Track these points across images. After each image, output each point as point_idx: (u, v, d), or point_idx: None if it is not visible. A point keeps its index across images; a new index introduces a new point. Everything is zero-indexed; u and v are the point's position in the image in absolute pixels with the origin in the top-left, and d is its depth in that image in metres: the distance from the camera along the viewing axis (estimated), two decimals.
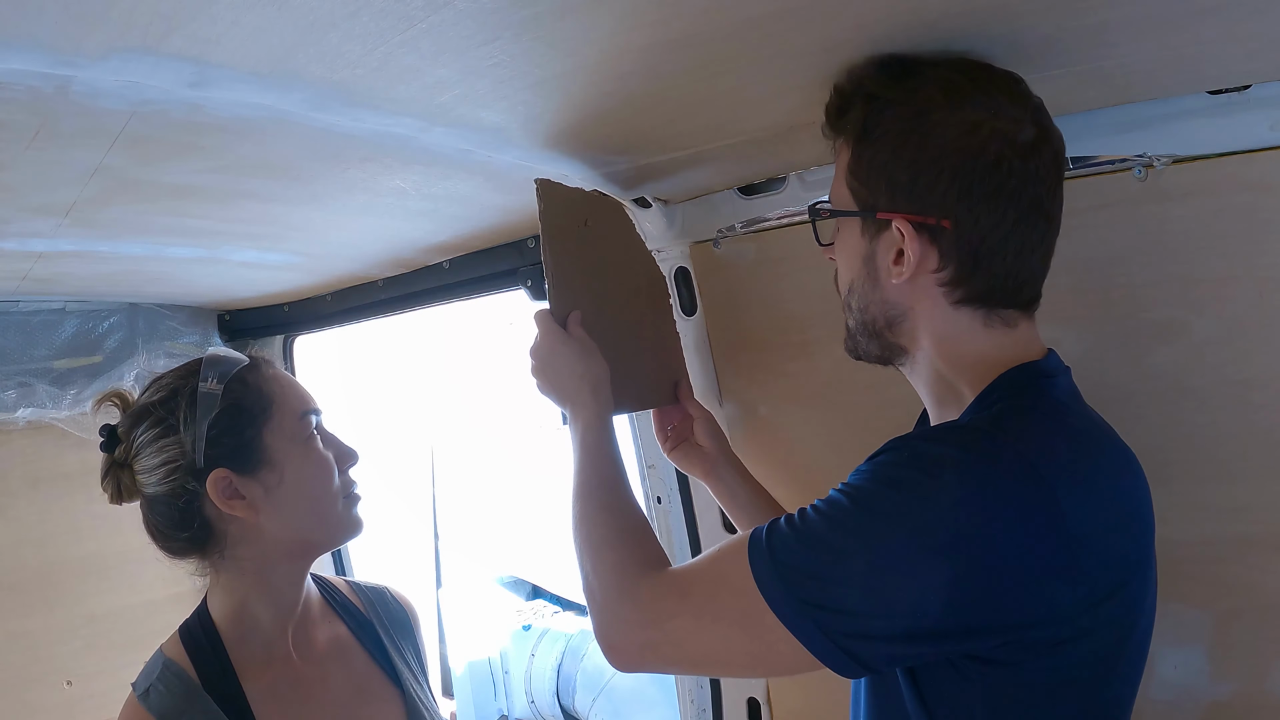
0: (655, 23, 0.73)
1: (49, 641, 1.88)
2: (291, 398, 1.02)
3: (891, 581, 0.67)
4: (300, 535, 1.01)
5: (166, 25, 0.67)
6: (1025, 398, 0.75)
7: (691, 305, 1.39)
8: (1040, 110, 0.76)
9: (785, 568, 0.71)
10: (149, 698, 0.92)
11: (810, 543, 0.71)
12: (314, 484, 1.00)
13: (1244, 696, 1.00)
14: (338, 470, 1.03)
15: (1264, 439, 0.95)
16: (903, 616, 0.67)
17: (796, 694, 1.42)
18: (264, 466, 0.97)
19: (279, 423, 0.99)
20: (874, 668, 0.71)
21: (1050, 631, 0.68)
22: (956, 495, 0.67)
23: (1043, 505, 0.67)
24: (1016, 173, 0.73)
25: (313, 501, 1.00)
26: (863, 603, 0.68)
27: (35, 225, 1.21)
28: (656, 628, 0.81)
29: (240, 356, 1.03)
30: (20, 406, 1.80)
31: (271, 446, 0.98)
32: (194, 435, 0.94)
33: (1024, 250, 0.76)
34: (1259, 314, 0.92)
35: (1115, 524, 0.71)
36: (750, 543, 0.74)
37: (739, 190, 1.28)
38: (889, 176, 0.77)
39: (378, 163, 1.08)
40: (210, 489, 0.94)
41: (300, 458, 0.99)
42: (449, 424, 5.93)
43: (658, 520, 1.51)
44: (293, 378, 1.07)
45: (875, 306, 0.83)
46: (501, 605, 5.49)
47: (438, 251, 1.63)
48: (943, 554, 0.66)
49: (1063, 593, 0.67)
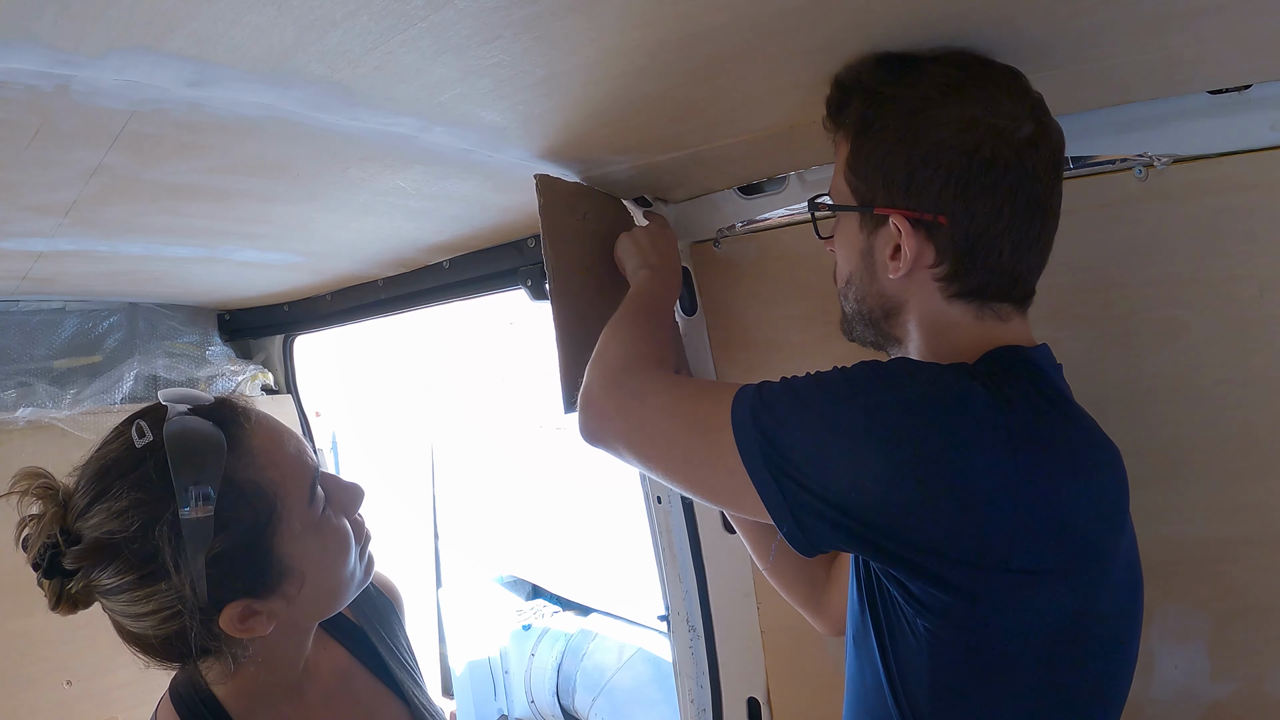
0: (655, 22, 0.73)
1: (49, 641, 1.88)
2: (292, 479, 0.82)
3: (835, 448, 0.70)
4: (321, 615, 0.90)
5: (166, 24, 0.67)
6: (1008, 365, 0.76)
7: (691, 305, 1.39)
8: (1039, 105, 0.76)
9: (759, 400, 0.74)
10: None
11: (789, 388, 0.74)
12: (338, 568, 0.86)
13: (1244, 696, 1.00)
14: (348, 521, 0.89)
15: (1264, 439, 0.95)
16: (837, 487, 0.69)
17: (797, 694, 1.42)
18: (285, 580, 0.81)
19: (289, 524, 0.80)
20: (801, 520, 0.71)
21: (981, 578, 0.68)
22: (921, 397, 0.69)
23: (998, 445, 0.67)
24: (1013, 169, 0.73)
25: (338, 584, 0.87)
26: (807, 457, 0.70)
27: (35, 225, 1.21)
28: (639, 399, 0.86)
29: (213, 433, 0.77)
30: (20, 406, 1.80)
31: (287, 555, 0.80)
32: (189, 576, 0.74)
33: (1020, 246, 0.76)
34: (1259, 314, 0.92)
35: (1073, 499, 0.71)
36: (740, 389, 0.77)
37: (739, 190, 1.28)
38: (886, 172, 0.77)
39: (378, 162, 1.08)
40: (224, 625, 0.78)
41: (318, 550, 0.83)
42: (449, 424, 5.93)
43: (658, 519, 1.51)
44: (283, 431, 0.86)
45: (872, 299, 0.84)
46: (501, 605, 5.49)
47: (438, 251, 1.63)
48: (886, 444, 0.68)
49: (996, 539, 0.67)
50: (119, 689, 1.95)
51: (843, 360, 0.91)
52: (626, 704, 4.37)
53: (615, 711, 4.39)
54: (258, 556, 0.78)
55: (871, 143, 0.78)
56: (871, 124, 0.78)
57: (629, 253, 1.15)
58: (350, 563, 0.88)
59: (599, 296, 1.16)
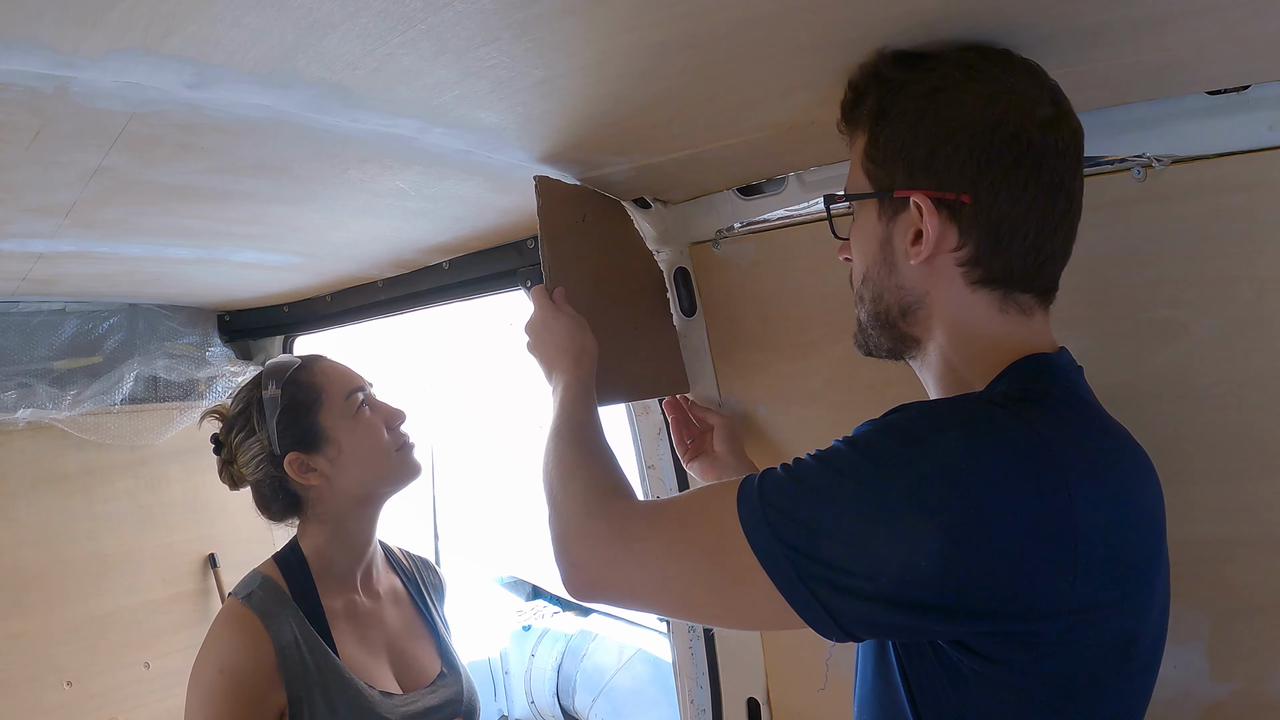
0: (654, 24, 0.73)
1: (49, 641, 1.88)
2: (336, 383, 1.23)
3: (880, 535, 0.63)
4: (365, 489, 1.23)
5: (166, 26, 0.67)
6: (1039, 383, 0.72)
7: (691, 305, 1.39)
8: (1058, 91, 0.74)
9: (772, 507, 0.67)
10: (251, 599, 1.12)
11: (802, 485, 0.67)
12: (367, 446, 1.21)
13: (1244, 696, 1.00)
14: (387, 429, 1.24)
15: (1264, 439, 0.94)
16: (887, 577, 0.63)
17: (797, 694, 1.42)
18: (325, 443, 1.20)
19: (329, 407, 1.21)
20: (851, 631, 0.66)
21: (1042, 626, 0.64)
22: (960, 455, 0.63)
23: (1052, 487, 0.63)
24: (1036, 146, 0.71)
25: (369, 460, 1.21)
26: (848, 555, 0.64)
27: (35, 226, 1.21)
28: (624, 545, 0.78)
29: (293, 360, 1.25)
30: (20, 407, 1.80)
31: (327, 426, 1.20)
32: (268, 432, 1.19)
33: (1045, 228, 0.73)
34: (1259, 314, 0.92)
35: (1124, 525, 0.67)
36: (741, 482, 0.71)
37: (738, 190, 1.28)
38: (906, 153, 0.74)
39: (377, 163, 1.08)
40: (288, 469, 1.18)
41: (350, 430, 1.21)
42: (449, 424, 5.93)
43: None
44: (339, 365, 1.27)
45: (890, 294, 0.80)
46: (501, 605, 5.49)
47: (437, 252, 1.63)
48: (937, 514, 0.62)
49: (1060, 585, 0.63)
50: (119, 689, 1.95)
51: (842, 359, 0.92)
52: (626, 704, 4.37)
53: (615, 712, 4.39)
54: (307, 423, 1.19)
55: (890, 126, 0.75)
56: (889, 109, 0.76)
57: (536, 357, 1.08)
58: (380, 445, 1.22)
59: (598, 299, 1.16)
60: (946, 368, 0.79)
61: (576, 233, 1.16)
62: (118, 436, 2.02)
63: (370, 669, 1.18)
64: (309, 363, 1.25)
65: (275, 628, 1.10)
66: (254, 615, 1.10)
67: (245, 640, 1.08)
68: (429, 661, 1.28)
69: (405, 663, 1.25)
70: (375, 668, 1.20)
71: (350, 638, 1.19)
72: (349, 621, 1.20)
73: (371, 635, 1.23)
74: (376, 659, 1.21)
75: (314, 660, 1.11)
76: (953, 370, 0.79)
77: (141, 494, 2.10)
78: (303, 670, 1.09)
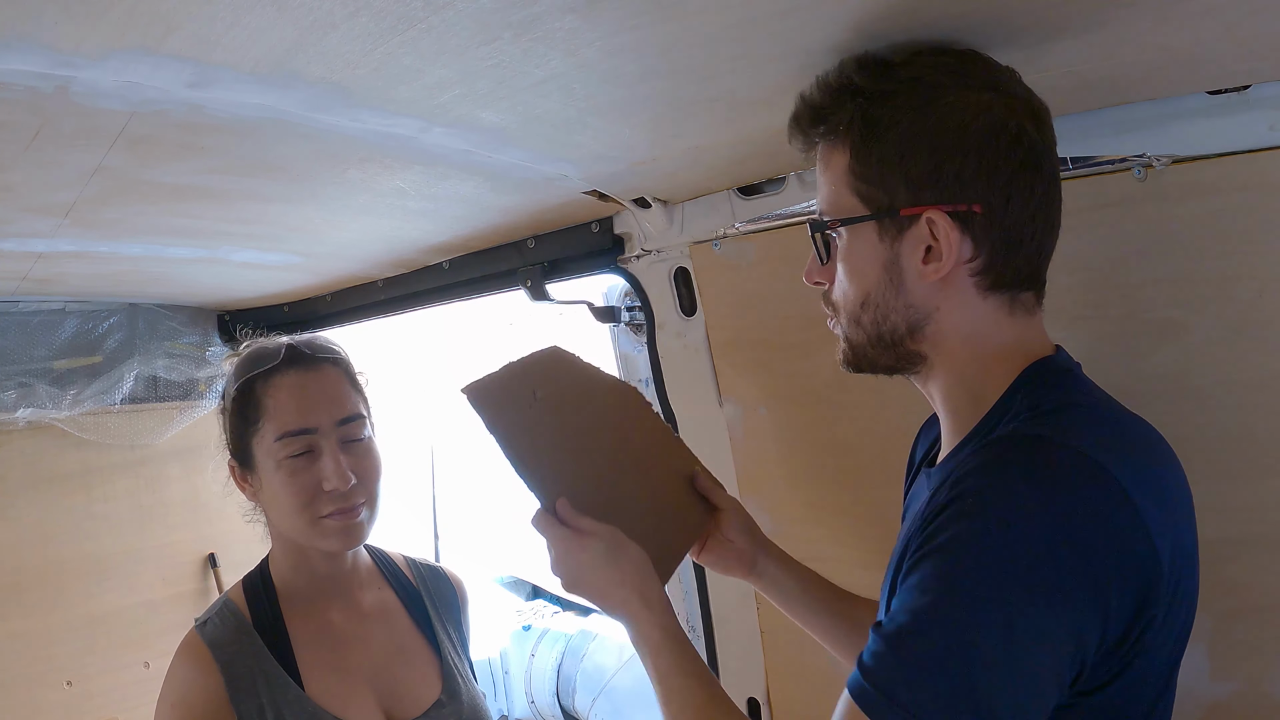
0: (654, 23, 0.73)
1: (49, 641, 1.88)
2: (281, 414, 1.06)
3: (1028, 645, 0.59)
4: (293, 538, 1.10)
5: (166, 26, 0.67)
6: (1055, 394, 0.72)
7: (691, 305, 1.39)
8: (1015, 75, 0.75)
9: (916, 705, 0.58)
10: (205, 628, 1.06)
11: (922, 655, 0.60)
12: (279, 503, 1.07)
13: (1244, 696, 1.00)
14: (323, 488, 1.05)
15: (1264, 439, 0.94)
16: (1050, 681, 0.60)
17: (797, 694, 1.42)
18: (251, 469, 1.10)
19: (263, 436, 1.07)
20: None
21: (1111, 660, 0.63)
22: (1047, 530, 0.61)
23: (1120, 504, 0.62)
24: (1035, 144, 0.71)
25: (283, 517, 1.09)
26: (1010, 684, 0.58)
27: (35, 225, 1.21)
28: None
29: (266, 356, 1.10)
30: (20, 406, 1.80)
31: (256, 456, 1.08)
32: (226, 419, 1.13)
33: (1049, 225, 0.74)
34: (1259, 314, 0.92)
35: (1173, 514, 0.67)
36: (857, 698, 0.62)
37: (739, 190, 1.28)
38: (905, 170, 0.72)
39: (377, 163, 1.08)
40: (229, 470, 1.13)
41: (271, 473, 1.07)
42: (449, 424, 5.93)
43: None
44: (305, 392, 1.08)
45: (897, 314, 0.76)
46: (501, 605, 5.48)
47: (438, 252, 1.63)
48: (1058, 593, 0.59)
49: (1157, 586, 0.63)
50: (119, 689, 1.95)
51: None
52: (626, 704, 4.37)
53: (615, 712, 4.39)
54: (243, 439, 1.09)
55: (883, 142, 0.72)
56: (876, 124, 0.72)
57: (584, 598, 0.92)
58: (291, 505, 1.06)
59: (598, 468, 1.02)
60: (956, 379, 0.77)
61: (534, 417, 0.98)
62: (117, 436, 2.02)
63: (345, 700, 1.07)
64: (271, 374, 1.09)
65: (225, 659, 1.02)
66: (205, 646, 1.03)
67: (193, 674, 1.02)
68: (425, 687, 1.14)
69: (393, 689, 1.12)
70: (352, 697, 1.08)
71: (321, 666, 1.08)
72: (320, 647, 1.09)
73: (351, 661, 1.11)
74: (353, 688, 1.09)
75: (270, 694, 1.02)
76: (962, 382, 0.77)
77: (141, 494, 2.10)
78: (258, 706, 1.01)
